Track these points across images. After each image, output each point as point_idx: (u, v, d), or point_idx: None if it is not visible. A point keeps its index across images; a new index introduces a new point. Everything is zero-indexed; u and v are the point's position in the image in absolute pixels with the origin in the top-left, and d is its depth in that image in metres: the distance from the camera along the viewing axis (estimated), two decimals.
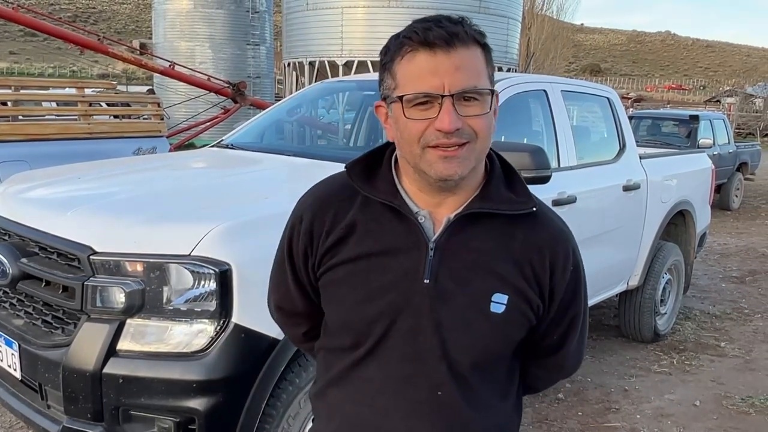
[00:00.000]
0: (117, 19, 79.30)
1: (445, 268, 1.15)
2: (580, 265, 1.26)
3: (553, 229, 1.23)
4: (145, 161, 4.35)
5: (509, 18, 15.63)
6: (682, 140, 11.25)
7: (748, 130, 30.01)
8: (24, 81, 7.42)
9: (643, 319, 4.59)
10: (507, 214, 1.18)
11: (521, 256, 1.18)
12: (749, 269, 7.30)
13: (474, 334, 1.15)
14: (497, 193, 1.19)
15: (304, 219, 1.25)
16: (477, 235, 1.17)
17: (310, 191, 1.30)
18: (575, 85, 4.42)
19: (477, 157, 1.13)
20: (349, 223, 1.20)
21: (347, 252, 1.19)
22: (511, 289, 1.17)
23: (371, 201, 1.20)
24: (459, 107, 1.08)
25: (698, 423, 3.59)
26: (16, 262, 2.39)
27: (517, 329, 1.20)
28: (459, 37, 1.09)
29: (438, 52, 1.08)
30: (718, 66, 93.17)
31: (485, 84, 1.12)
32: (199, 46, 19.94)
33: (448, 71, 1.08)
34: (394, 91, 1.13)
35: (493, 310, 1.15)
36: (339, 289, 1.20)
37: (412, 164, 1.15)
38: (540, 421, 3.51)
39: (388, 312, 1.15)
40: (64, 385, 2.17)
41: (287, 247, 1.29)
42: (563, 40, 31.46)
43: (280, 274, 1.33)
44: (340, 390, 1.23)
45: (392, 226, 1.18)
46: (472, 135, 1.10)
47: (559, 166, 3.52)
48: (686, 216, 4.98)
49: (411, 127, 1.10)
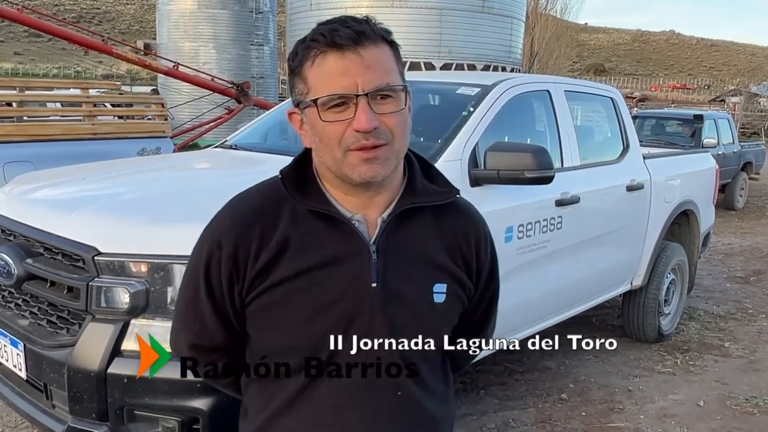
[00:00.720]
0: (121, 19, 79.47)
1: (390, 268, 1.15)
2: (494, 246, 1.34)
3: (473, 215, 1.30)
4: (149, 162, 4.37)
5: (513, 18, 15.60)
6: (687, 140, 11.22)
7: (753, 129, 29.95)
8: (29, 82, 7.45)
9: (647, 319, 4.58)
10: (432, 206, 1.21)
11: (451, 243, 1.22)
12: (754, 269, 7.28)
13: (425, 328, 1.17)
14: (422, 187, 1.21)
15: (224, 245, 1.16)
16: (411, 229, 1.19)
17: (223, 213, 1.21)
18: (578, 85, 4.42)
19: (397, 157, 1.14)
20: (280, 240, 1.14)
21: (283, 270, 1.13)
22: (448, 276, 1.20)
23: (301, 212, 1.16)
24: (374, 106, 1.08)
25: (702, 423, 3.59)
26: (22, 262, 2.40)
27: (455, 313, 1.24)
28: (366, 35, 1.09)
29: (347, 52, 1.07)
30: (723, 65, 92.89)
31: (397, 80, 1.12)
32: (203, 46, 19.98)
33: (360, 70, 1.07)
34: (306, 95, 1.11)
35: (436, 300, 1.18)
36: (278, 310, 1.14)
37: (333, 169, 1.13)
38: (543, 421, 3.51)
39: (340, 322, 1.13)
40: (69, 385, 2.18)
41: (204, 280, 1.18)
42: (567, 39, 31.42)
43: (193, 312, 1.22)
44: (291, 417, 1.17)
45: (328, 235, 1.15)
46: (389, 136, 1.10)
47: (562, 166, 3.52)
48: (690, 216, 4.97)
49: (329, 131, 1.09)
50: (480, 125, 3.09)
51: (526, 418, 3.52)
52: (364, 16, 1.13)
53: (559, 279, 3.52)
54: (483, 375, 3.99)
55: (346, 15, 1.12)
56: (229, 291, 1.17)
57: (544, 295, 3.45)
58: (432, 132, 3.32)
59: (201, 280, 1.19)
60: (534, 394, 3.82)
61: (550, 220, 3.30)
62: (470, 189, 2.91)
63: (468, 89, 3.35)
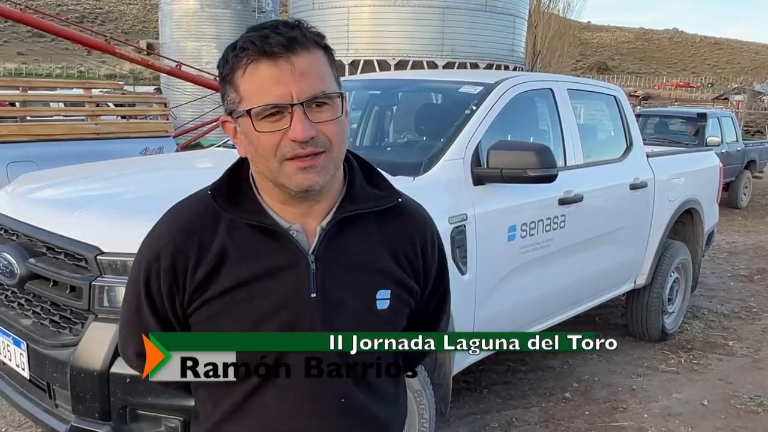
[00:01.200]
0: (124, 19, 79.57)
1: (329, 277, 1.13)
2: (443, 246, 1.31)
3: (418, 216, 1.27)
4: (152, 161, 4.37)
5: (516, 16, 15.60)
6: (690, 138, 11.19)
7: (757, 127, 29.85)
8: (32, 82, 7.46)
9: (651, 318, 4.57)
10: (375, 210, 1.18)
11: (395, 247, 1.20)
12: (758, 267, 7.26)
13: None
14: (362, 192, 1.18)
15: (162, 257, 1.14)
16: (351, 237, 1.16)
17: (161, 224, 1.20)
18: (581, 83, 4.40)
19: (335, 165, 1.12)
20: (218, 252, 1.12)
21: (222, 283, 1.12)
22: (392, 281, 1.18)
23: (237, 224, 1.14)
24: (310, 114, 1.05)
25: (706, 422, 3.58)
26: (24, 262, 2.40)
27: (401, 318, 1.22)
28: (298, 41, 1.05)
29: (279, 60, 1.04)
30: (726, 63, 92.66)
31: (333, 87, 1.09)
32: (205, 46, 20.01)
33: (293, 79, 1.04)
34: (239, 104, 1.08)
35: (380, 308, 1.16)
36: (219, 322, 1.13)
37: (270, 179, 1.11)
38: (547, 420, 3.51)
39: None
40: (72, 385, 2.18)
41: (145, 291, 1.17)
42: (570, 38, 31.37)
43: (137, 321, 1.20)
44: (237, 423, 1.16)
45: (266, 246, 1.13)
46: (327, 144, 1.08)
47: (565, 164, 3.50)
48: (694, 214, 4.95)
49: (264, 141, 1.06)
50: (483, 124, 3.08)
51: (529, 417, 3.51)
52: (296, 21, 1.10)
53: (562, 278, 3.52)
54: (486, 374, 3.99)
55: (278, 20, 1.10)
56: (171, 302, 1.16)
57: (547, 293, 3.44)
58: (435, 131, 3.32)
59: (142, 291, 1.17)
60: (537, 393, 3.81)
61: (553, 218, 3.29)
62: (473, 188, 2.90)
63: (470, 88, 3.34)
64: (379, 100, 3.94)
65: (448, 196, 2.78)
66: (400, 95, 3.96)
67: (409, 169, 2.76)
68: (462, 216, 2.74)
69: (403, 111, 3.94)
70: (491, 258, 2.93)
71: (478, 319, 2.90)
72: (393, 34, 14.19)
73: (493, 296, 2.98)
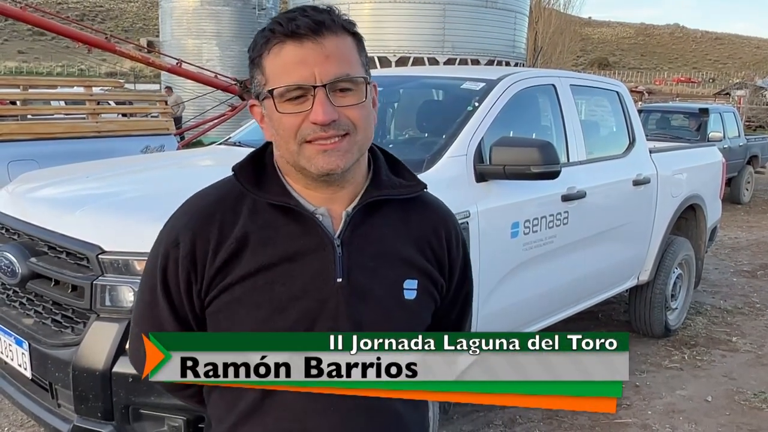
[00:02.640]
0: (124, 17, 79.56)
1: (356, 263, 1.10)
2: (466, 242, 1.30)
3: (441, 209, 1.26)
4: (153, 160, 4.36)
5: (516, 12, 15.55)
6: (692, 134, 11.17)
7: (758, 122, 29.81)
8: (32, 80, 7.46)
9: (654, 314, 4.56)
10: (399, 200, 1.17)
11: (420, 238, 1.18)
12: (760, 263, 7.24)
13: (394, 326, 1.10)
14: (388, 180, 1.17)
15: (181, 242, 1.11)
16: (377, 224, 1.14)
17: (180, 210, 1.17)
18: (584, 79, 4.39)
19: (359, 149, 1.09)
20: (239, 235, 1.09)
21: (242, 268, 1.09)
22: (419, 272, 1.16)
23: (261, 207, 1.11)
24: (334, 98, 1.04)
25: (710, 419, 3.57)
26: (26, 261, 2.40)
27: (427, 312, 1.19)
28: (326, 25, 1.05)
29: (305, 42, 1.03)
30: (728, 58, 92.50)
31: (359, 72, 1.07)
32: (206, 43, 19.97)
33: (318, 60, 1.03)
34: (264, 86, 1.07)
35: (407, 297, 1.14)
36: (238, 311, 1.09)
37: (291, 162, 1.09)
38: (550, 417, 3.50)
39: (302, 321, 1.08)
40: (74, 384, 2.18)
41: (161, 281, 1.13)
42: (571, 33, 31.28)
43: (150, 315, 1.17)
44: (256, 424, 1.11)
45: (290, 229, 1.10)
46: (351, 126, 1.06)
47: (568, 161, 3.49)
48: (697, 210, 4.94)
49: (285, 123, 1.05)
50: (485, 120, 3.06)
51: (532, 414, 3.50)
52: (328, 6, 1.09)
53: (566, 274, 3.50)
54: None
55: (309, 5, 1.09)
56: (188, 293, 1.13)
57: (551, 290, 3.43)
58: (437, 127, 3.31)
59: (158, 282, 1.14)
60: None
61: (556, 215, 3.28)
62: (476, 184, 2.89)
63: (473, 84, 3.33)
64: (381, 97, 3.92)
65: (450, 193, 2.75)
66: (403, 91, 3.95)
67: (412, 166, 2.70)
68: (465, 213, 2.72)
69: (405, 107, 3.92)
70: (494, 255, 2.92)
71: (481, 317, 2.89)
72: (393, 31, 14.14)
73: (496, 293, 2.97)
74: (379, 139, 3.86)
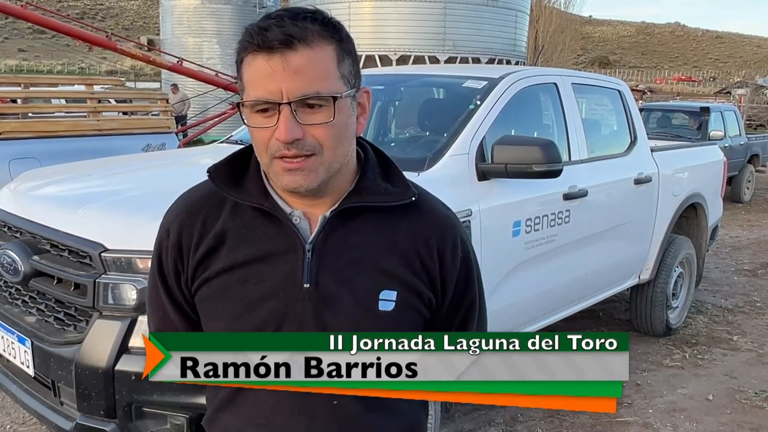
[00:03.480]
0: (125, 15, 79.52)
1: (326, 269, 1.09)
2: (470, 252, 1.22)
3: (438, 217, 1.18)
4: (155, 158, 4.36)
5: (517, 11, 15.56)
6: (693, 132, 11.16)
7: (759, 121, 29.79)
8: (33, 78, 7.46)
9: (655, 313, 4.56)
10: (386, 207, 1.12)
11: (408, 249, 1.12)
12: (761, 262, 7.24)
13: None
14: (373, 185, 1.13)
15: (171, 232, 1.16)
16: (357, 230, 1.11)
17: (175, 202, 1.22)
18: (586, 77, 4.38)
19: (326, 169, 1.06)
20: (219, 231, 1.12)
21: (219, 263, 1.11)
22: (399, 284, 1.11)
23: (241, 206, 1.13)
24: (301, 115, 1.01)
25: (711, 417, 3.57)
26: (28, 259, 2.40)
27: (410, 326, 1.14)
28: (297, 37, 1.00)
29: (274, 55, 1.00)
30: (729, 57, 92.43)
31: (332, 87, 1.03)
32: (206, 41, 19.98)
33: (286, 76, 0.99)
34: (243, 93, 1.06)
35: (381, 308, 1.10)
36: (216, 304, 1.12)
37: (265, 171, 1.10)
38: (551, 415, 3.50)
39: (270, 322, 1.08)
40: (77, 382, 2.18)
41: (157, 266, 1.19)
42: (571, 32, 31.28)
43: (155, 298, 1.22)
44: (232, 413, 1.14)
45: (266, 230, 1.11)
46: (317, 146, 1.03)
47: (570, 159, 3.49)
48: (698, 209, 4.94)
49: (256, 135, 1.04)
50: (487, 119, 3.06)
51: (534, 413, 3.51)
52: (311, 10, 1.04)
53: (567, 273, 3.50)
54: None
55: (292, 8, 1.04)
56: (177, 280, 1.17)
57: (552, 289, 3.43)
58: (439, 126, 3.31)
59: (155, 266, 1.20)
60: None
61: (558, 214, 3.28)
62: (477, 183, 2.89)
63: (475, 82, 3.33)
64: (381, 96, 3.92)
65: (452, 192, 2.76)
66: (404, 90, 3.95)
67: (414, 165, 2.74)
68: (467, 212, 2.72)
69: (406, 106, 3.92)
70: (496, 254, 2.92)
71: None
72: (394, 30, 14.16)
73: (497, 292, 2.97)
74: (380, 138, 3.87)
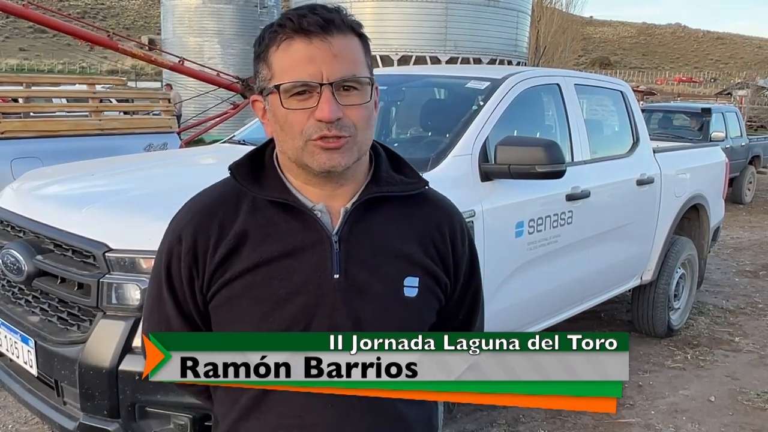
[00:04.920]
0: (126, 15, 79.54)
1: (353, 259, 1.11)
2: (473, 240, 1.28)
3: (445, 206, 1.25)
4: (157, 158, 4.36)
5: (519, 11, 15.54)
6: (694, 133, 11.16)
7: (760, 122, 29.78)
8: (35, 78, 7.46)
9: (657, 314, 4.56)
10: (401, 196, 1.17)
11: (423, 235, 1.17)
12: (762, 263, 7.24)
13: (394, 323, 1.10)
14: (388, 177, 1.18)
15: (183, 238, 1.14)
16: (377, 220, 1.15)
17: (184, 208, 1.20)
18: (588, 78, 4.38)
19: (359, 149, 1.10)
20: (239, 231, 1.12)
21: (241, 263, 1.10)
22: (420, 269, 1.15)
23: (260, 204, 1.13)
24: (338, 96, 1.05)
25: (713, 419, 3.57)
26: (32, 259, 2.40)
27: (430, 311, 1.18)
28: (335, 24, 1.06)
29: (314, 39, 1.04)
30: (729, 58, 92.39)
31: (364, 73, 1.09)
32: (207, 41, 19.97)
33: (326, 59, 1.04)
34: (270, 81, 1.08)
35: (407, 295, 1.13)
36: (238, 306, 1.11)
37: (294, 158, 1.10)
38: (553, 416, 3.50)
39: (300, 317, 1.09)
40: (81, 382, 2.18)
41: (165, 276, 1.17)
42: (572, 33, 31.30)
43: (157, 310, 1.20)
44: (257, 420, 1.12)
45: (289, 225, 1.11)
46: (352, 128, 1.07)
47: (572, 160, 3.49)
48: (700, 210, 4.94)
49: (291, 119, 1.06)
50: (490, 119, 3.06)
51: (536, 414, 3.50)
52: (336, 6, 1.09)
53: (569, 274, 3.50)
54: None
55: (317, 3, 1.10)
56: (190, 288, 1.15)
57: (554, 290, 3.43)
58: (442, 126, 3.31)
59: (163, 278, 1.17)
60: None
61: (561, 214, 3.28)
62: (481, 184, 2.89)
63: (477, 83, 3.33)
64: (385, 96, 3.92)
65: (455, 193, 2.74)
66: (407, 90, 3.95)
67: (417, 165, 2.69)
68: (470, 212, 2.72)
69: (409, 106, 3.92)
70: (499, 254, 2.92)
71: (485, 315, 2.88)
72: (396, 30, 14.13)
73: (500, 293, 2.97)
74: (383, 138, 3.87)
